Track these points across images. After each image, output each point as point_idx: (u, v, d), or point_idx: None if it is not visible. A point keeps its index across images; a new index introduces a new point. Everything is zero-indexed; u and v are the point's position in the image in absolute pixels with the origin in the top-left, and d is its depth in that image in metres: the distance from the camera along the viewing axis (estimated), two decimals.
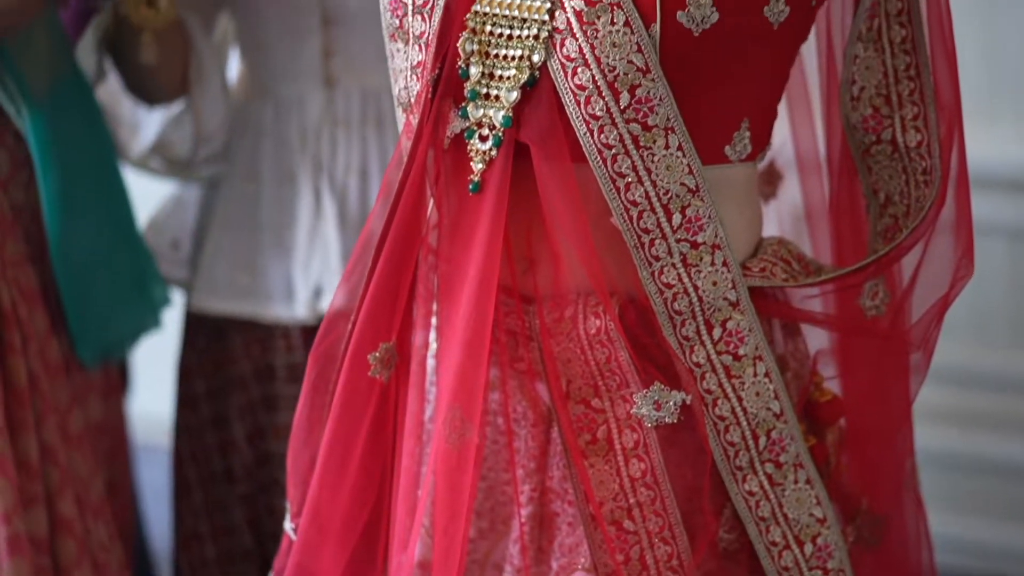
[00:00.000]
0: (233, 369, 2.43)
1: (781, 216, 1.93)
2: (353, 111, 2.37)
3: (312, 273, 2.37)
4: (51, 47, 2.18)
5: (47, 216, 2.16)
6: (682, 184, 1.60)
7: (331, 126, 2.37)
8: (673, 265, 1.62)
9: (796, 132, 1.89)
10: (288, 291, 2.38)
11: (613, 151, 1.58)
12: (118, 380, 2.40)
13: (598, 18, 1.56)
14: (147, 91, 2.32)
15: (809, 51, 1.79)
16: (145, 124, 2.40)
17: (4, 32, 2.06)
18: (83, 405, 2.24)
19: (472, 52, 1.60)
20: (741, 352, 1.64)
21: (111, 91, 2.39)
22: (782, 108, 1.76)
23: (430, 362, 1.71)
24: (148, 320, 2.37)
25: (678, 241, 1.61)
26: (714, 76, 1.60)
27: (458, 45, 1.60)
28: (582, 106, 1.57)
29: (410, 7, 1.64)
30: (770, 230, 1.88)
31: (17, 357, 2.08)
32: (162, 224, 2.51)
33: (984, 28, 2.99)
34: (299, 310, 2.36)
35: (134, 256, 2.33)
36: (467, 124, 1.61)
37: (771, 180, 1.92)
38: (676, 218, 1.61)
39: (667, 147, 1.59)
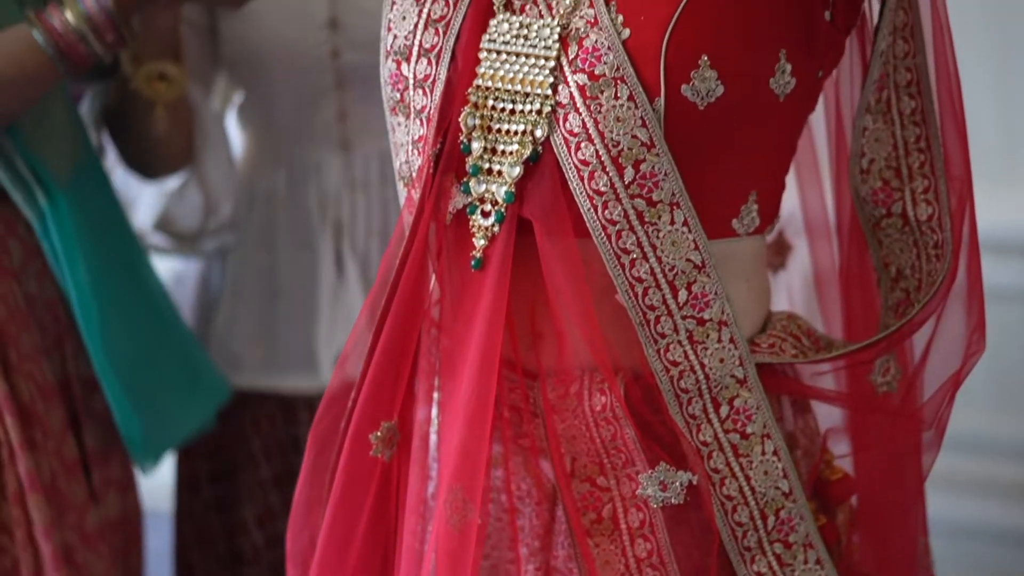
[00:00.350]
0: (242, 448, 2.40)
1: (791, 286, 1.91)
2: (372, 173, 2.35)
3: (336, 340, 2.34)
4: (71, 127, 2.16)
5: (79, 310, 2.11)
6: (688, 260, 1.58)
7: (350, 190, 2.36)
8: (679, 342, 1.59)
9: (805, 197, 1.87)
10: (310, 360, 2.35)
11: (617, 227, 1.56)
12: (134, 474, 2.33)
13: (601, 92, 1.54)
14: (153, 164, 2.30)
15: (818, 118, 1.77)
16: (141, 199, 2.38)
17: (18, 107, 2.03)
18: (101, 502, 2.19)
19: (474, 127, 1.59)
20: (749, 430, 1.62)
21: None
22: (790, 174, 1.73)
23: (432, 438, 1.69)
24: (206, 413, 2.31)
25: (684, 318, 1.59)
26: (720, 149, 1.58)
27: (460, 120, 1.59)
28: (586, 181, 1.55)
29: (411, 81, 1.62)
30: (780, 301, 1.86)
31: (41, 455, 2.05)
32: None
33: (998, 89, 2.98)
34: (324, 378, 2.33)
35: (181, 346, 2.27)
36: (469, 199, 1.59)
37: (780, 251, 1.89)
38: (682, 295, 1.58)
39: (672, 222, 1.57)
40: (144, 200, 2.38)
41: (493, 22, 1.60)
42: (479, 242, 1.59)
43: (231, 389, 2.34)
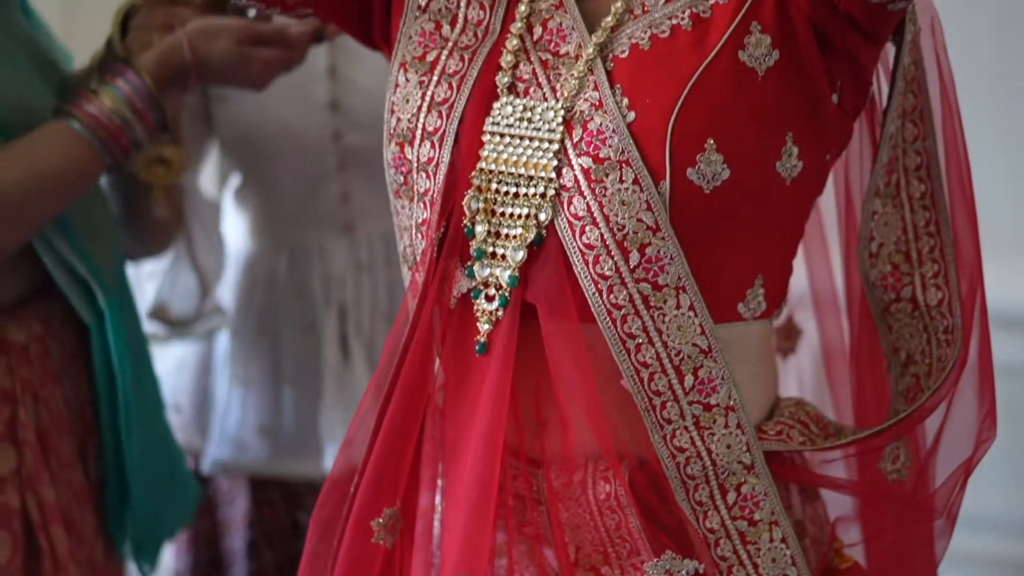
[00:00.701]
0: (234, 538, 2.37)
1: (801, 371, 1.89)
2: (377, 255, 2.34)
3: (342, 425, 2.32)
4: (112, 227, 2.14)
5: (123, 412, 2.09)
6: (694, 345, 1.56)
7: (355, 272, 2.34)
8: (685, 428, 1.57)
9: (813, 273, 1.86)
10: (315, 446, 2.33)
11: (623, 311, 1.54)
12: None
13: (607, 175, 1.53)
14: (142, 246, 2.28)
15: (827, 197, 1.75)
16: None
17: (63, 205, 2.00)
18: None
19: (477, 210, 1.57)
20: (756, 517, 1.59)
21: None
22: (799, 250, 1.72)
23: (436, 525, 1.66)
24: (185, 516, 2.29)
25: (690, 403, 1.57)
26: (726, 233, 1.56)
27: (463, 203, 1.57)
28: (591, 266, 1.54)
29: (415, 164, 1.61)
30: (790, 386, 1.84)
31: (86, 567, 2.03)
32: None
33: (1008, 161, 2.96)
34: (328, 466, 2.30)
35: (169, 448, 2.26)
36: (473, 283, 1.58)
37: (790, 335, 1.88)
38: (688, 380, 1.56)
39: (678, 307, 1.55)
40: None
41: (497, 105, 1.58)
42: (483, 326, 1.57)
43: (234, 473, 2.32)
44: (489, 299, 1.57)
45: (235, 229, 2.44)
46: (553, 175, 1.55)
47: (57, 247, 2.01)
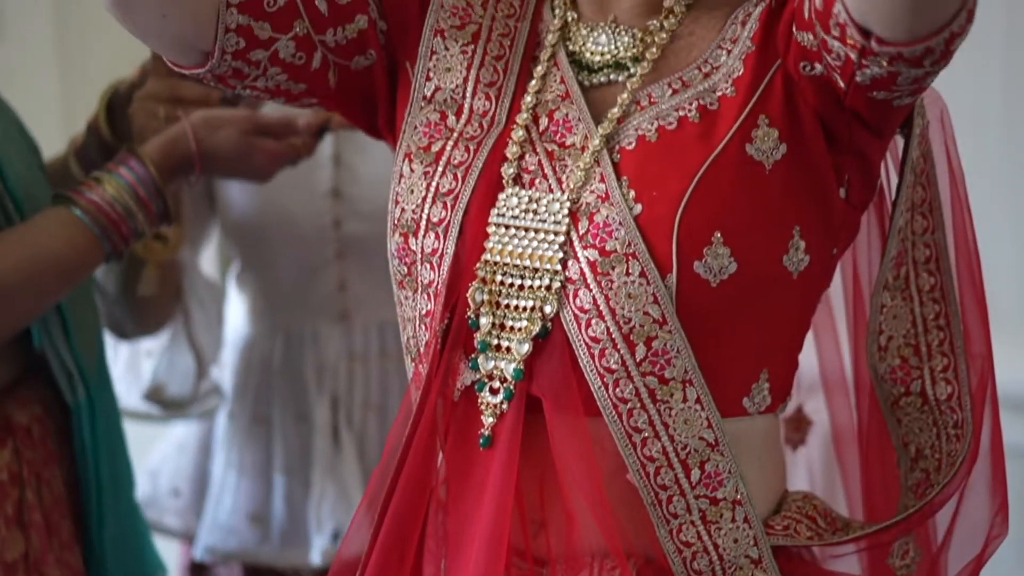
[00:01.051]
0: None
1: (811, 462, 1.87)
2: (371, 345, 2.32)
3: (331, 516, 2.30)
4: (95, 315, 2.13)
5: (111, 494, 2.07)
6: (701, 438, 1.54)
7: (348, 361, 2.33)
8: (692, 522, 1.55)
9: (823, 358, 1.84)
10: (304, 536, 2.31)
11: (629, 405, 1.53)
12: None
13: (613, 268, 1.52)
14: (135, 324, 2.27)
15: (834, 287, 1.74)
16: (117, 359, 2.35)
17: (62, 293, 1.98)
18: None
19: (482, 302, 1.56)
20: None
21: None
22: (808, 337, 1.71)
23: None
24: None
25: (697, 497, 1.55)
26: (732, 327, 1.55)
27: (468, 295, 1.56)
28: (596, 359, 1.52)
29: (419, 255, 1.59)
30: (799, 478, 1.83)
31: None
32: (160, 470, 2.44)
33: (1016, 237, 2.95)
34: (315, 557, 2.29)
35: (138, 527, 2.24)
36: (477, 376, 1.56)
37: (799, 427, 1.86)
38: (695, 474, 1.55)
39: (685, 400, 1.54)
40: (116, 367, 2.35)
41: (502, 196, 1.57)
42: (487, 420, 1.55)
43: (226, 559, 2.30)
44: (494, 392, 1.55)
45: (235, 312, 2.43)
46: (559, 267, 1.54)
47: (52, 334, 2.00)
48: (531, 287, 1.55)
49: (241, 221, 2.34)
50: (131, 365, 2.38)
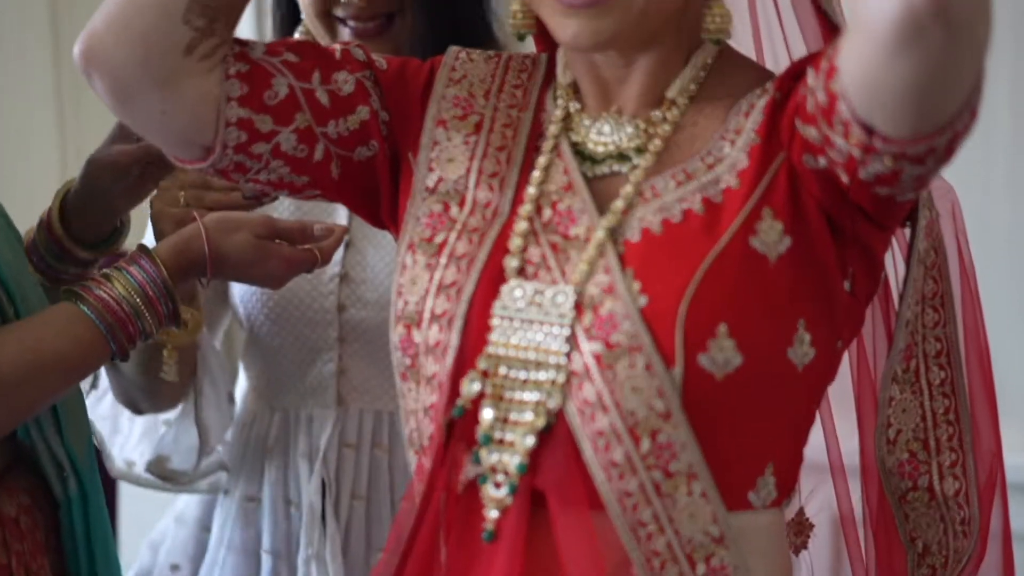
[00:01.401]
0: None
1: (812, 568, 1.85)
2: (364, 433, 2.31)
3: None
4: (83, 404, 2.10)
5: None
6: (706, 533, 1.53)
7: (339, 447, 2.31)
8: None
9: (827, 439, 1.82)
10: None
11: (633, 499, 1.51)
12: None
13: (618, 361, 1.50)
14: (150, 402, 2.25)
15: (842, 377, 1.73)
16: (130, 433, 2.34)
17: (64, 391, 1.96)
18: None
19: (478, 393, 1.54)
20: None
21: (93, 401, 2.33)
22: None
23: None
24: None
25: None
26: (737, 420, 1.54)
27: (462, 386, 1.54)
28: (601, 452, 1.51)
29: (422, 347, 1.58)
30: None
31: None
32: (160, 544, 2.43)
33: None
34: None
35: None
36: (480, 470, 1.54)
37: (801, 531, 1.84)
38: (700, 568, 1.53)
39: (690, 494, 1.52)
40: (134, 434, 2.34)
41: (506, 288, 1.56)
42: (491, 513, 1.54)
43: None
44: (497, 486, 1.54)
45: (239, 389, 2.42)
46: (563, 360, 1.52)
47: (43, 428, 1.98)
48: (535, 380, 1.53)
49: (248, 299, 2.33)
50: (148, 432, 2.37)
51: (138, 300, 1.92)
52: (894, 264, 1.67)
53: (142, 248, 1.98)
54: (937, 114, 1.38)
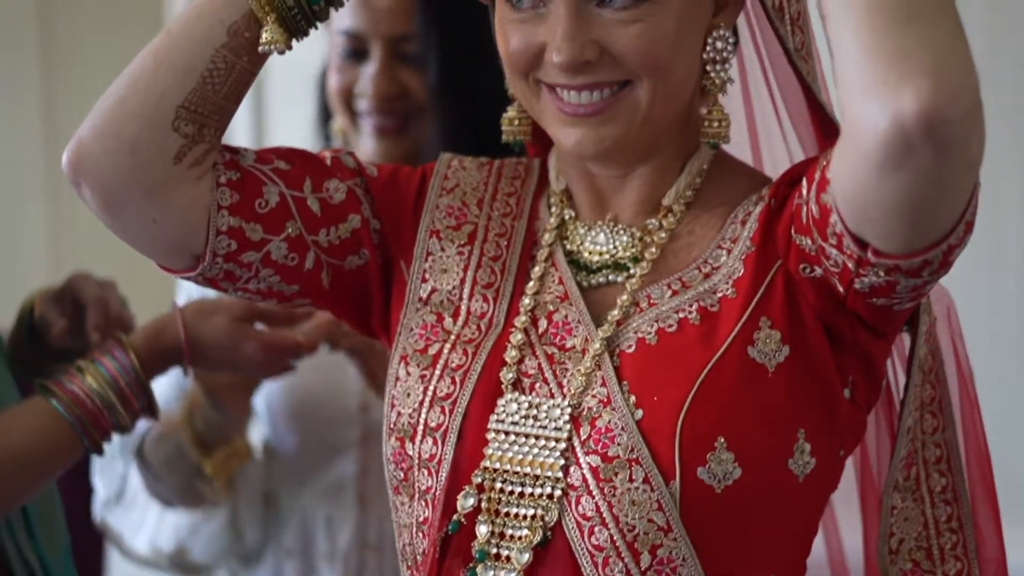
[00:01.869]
0: None
1: None
2: (386, 535, 2.27)
3: None
4: (59, 510, 2.06)
5: None
6: None
7: (360, 549, 2.27)
8: None
9: (829, 540, 1.79)
10: None
11: None
12: None
13: (615, 474, 1.48)
14: (183, 504, 2.22)
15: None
16: (151, 523, 2.31)
17: (35, 488, 1.92)
18: None
19: (481, 511, 1.51)
20: None
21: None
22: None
23: None
24: None
25: None
26: (738, 532, 1.51)
27: (458, 501, 1.52)
28: (600, 568, 1.48)
29: (416, 460, 1.55)
30: None
31: None
32: None
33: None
34: None
35: None
36: None
37: None
38: None
39: None
40: (154, 524, 2.31)
41: (501, 401, 1.54)
42: None
43: None
44: None
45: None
46: (560, 474, 1.50)
47: (15, 532, 1.94)
48: (532, 494, 1.51)
49: (270, 397, 2.29)
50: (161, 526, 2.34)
51: (110, 393, 1.89)
52: (894, 371, 1.65)
53: (117, 338, 1.94)
54: (930, 230, 1.36)
